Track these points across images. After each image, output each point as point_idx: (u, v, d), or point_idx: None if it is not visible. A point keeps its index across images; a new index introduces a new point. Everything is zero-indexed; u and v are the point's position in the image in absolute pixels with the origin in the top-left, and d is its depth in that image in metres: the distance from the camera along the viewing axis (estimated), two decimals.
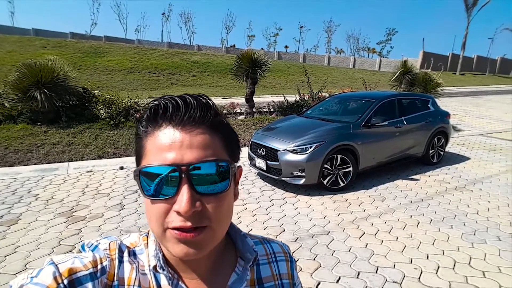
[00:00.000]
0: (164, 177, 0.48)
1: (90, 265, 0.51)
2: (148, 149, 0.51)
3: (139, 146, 0.54)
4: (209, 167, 0.50)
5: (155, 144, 0.50)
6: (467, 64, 40.67)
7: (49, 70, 6.63)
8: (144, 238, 0.60)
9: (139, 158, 0.53)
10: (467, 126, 10.23)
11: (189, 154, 0.49)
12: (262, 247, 0.68)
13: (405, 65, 10.72)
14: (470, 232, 3.61)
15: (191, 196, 0.47)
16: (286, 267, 0.69)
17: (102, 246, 0.55)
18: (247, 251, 0.62)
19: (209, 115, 0.52)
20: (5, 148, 5.61)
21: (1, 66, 15.95)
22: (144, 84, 17.26)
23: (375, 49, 66.86)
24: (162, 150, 0.49)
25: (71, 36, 33.10)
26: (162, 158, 0.49)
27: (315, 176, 4.56)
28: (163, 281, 0.54)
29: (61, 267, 0.49)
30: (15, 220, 3.61)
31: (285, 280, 0.67)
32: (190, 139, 0.49)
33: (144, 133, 0.52)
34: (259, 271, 0.64)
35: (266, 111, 9.67)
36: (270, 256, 0.68)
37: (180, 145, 0.49)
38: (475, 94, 20.00)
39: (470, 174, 5.67)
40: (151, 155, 0.50)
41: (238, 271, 0.60)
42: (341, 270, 2.86)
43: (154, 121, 0.51)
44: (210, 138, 0.51)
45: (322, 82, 11.95)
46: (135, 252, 0.57)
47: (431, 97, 6.68)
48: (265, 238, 0.72)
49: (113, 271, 0.53)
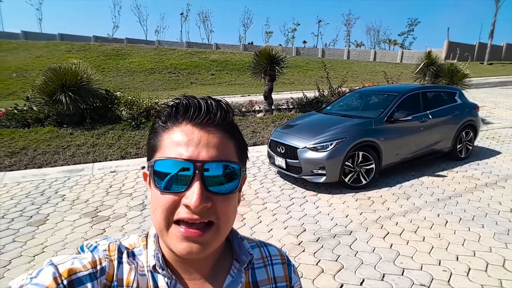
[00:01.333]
0: (178, 173, 0.50)
1: (89, 266, 0.51)
2: (165, 143, 0.52)
3: (155, 140, 0.55)
4: (221, 168, 0.51)
5: (173, 139, 0.52)
6: (496, 53, 38.69)
7: (73, 74, 6.84)
8: (143, 239, 0.60)
9: (154, 151, 0.54)
10: (497, 119, 9.72)
11: (205, 152, 0.50)
12: (258, 250, 0.69)
13: (429, 56, 10.30)
14: (503, 231, 3.41)
15: (202, 192, 0.49)
16: (283, 269, 0.69)
17: (102, 247, 0.56)
18: (242, 254, 0.63)
19: (228, 119, 0.55)
20: (34, 150, 5.84)
21: (30, 71, 16.70)
22: (164, 84, 17.55)
23: (397, 40, 64.62)
24: (179, 145, 0.51)
25: (94, 39, 34.08)
26: (179, 153, 0.50)
27: (336, 174, 4.46)
28: (161, 282, 0.55)
29: (60, 268, 0.49)
30: (43, 220, 3.74)
31: (281, 283, 0.67)
32: (208, 138, 0.51)
33: (162, 128, 0.54)
34: (254, 275, 0.64)
35: (285, 108, 9.58)
36: (266, 259, 0.68)
37: (197, 143, 0.51)
38: (504, 84, 18.99)
39: (502, 169, 5.38)
40: (167, 149, 0.52)
41: (233, 274, 0.61)
42: (365, 272, 2.77)
43: (174, 118, 0.53)
44: (226, 141, 0.54)
45: (341, 77, 11.71)
46: (134, 253, 0.58)
47: (457, 89, 6.39)
48: (262, 241, 0.72)
49: (112, 272, 0.53)
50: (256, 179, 5.09)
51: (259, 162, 5.92)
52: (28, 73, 16.29)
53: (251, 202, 4.23)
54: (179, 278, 0.57)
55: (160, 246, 0.57)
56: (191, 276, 0.58)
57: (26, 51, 20.27)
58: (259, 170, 5.51)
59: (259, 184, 4.88)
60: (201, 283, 0.58)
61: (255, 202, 4.24)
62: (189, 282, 0.57)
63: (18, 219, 3.78)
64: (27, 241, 3.30)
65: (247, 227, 3.59)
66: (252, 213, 3.94)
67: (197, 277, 0.58)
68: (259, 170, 5.49)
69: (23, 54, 19.65)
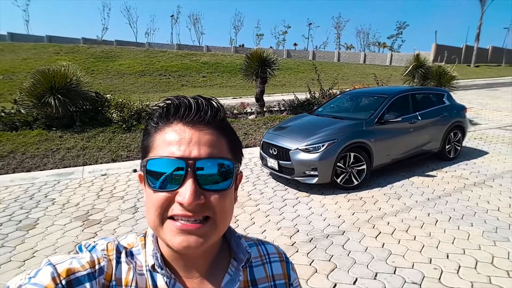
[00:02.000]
0: (171, 172, 0.50)
1: (88, 266, 0.51)
2: (157, 144, 0.53)
3: (147, 141, 0.55)
4: (213, 165, 0.51)
5: (165, 139, 0.52)
6: (482, 55, 39.58)
7: (62, 76, 6.75)
8: (141, 238, 0.60)
9: (147, 152, 0.55)
10: (484, 120, 9.94)
11: (197, 150, 0.51)
12: (256, 249, 0.69)
13: (417, 59, 10.49)
14: (491, 229, 3.49)
15: (195, 189, 0.49)
16: (281, 267, 0.69)
17: (100, 246, 0.56)
18: (240, 252, 0.63)
19: (219, 117, 0.55)
20: (22, 154, 5.73)
21: (17, 73, 16.40)
22: (155, 86, 17.44)
23: (386, 43, 65.71)
24: (170, 145, 0.51)
25: (83, 41, 33.68)
26: (171, 152, 0.51)
27: (328, 175, 4.50)
28: (160, 281, 0.55)
29: (59, 268, 0.49)
30: (33, 224, 3.68)
31: (280, 281, 0.67)
32: (199, 137, 0.52)
33: (154, 128, 0.55)
34: (252, 273, 0.64)
35: (277, 110, 9.62)
36: (264, 257, 0.68)
37: (189, 141, 0.51)
38: (491, 86, 19.43)
39: (489, 169, 5.50)
40: (159, 149, 0.52)
41: (231, 272, 0.61)
42: (358, 271, 2.80)
43: (165, 118, 0.54)
44: (218, 138, 0.54)
45: (332, 79, 11.81)
46: (133, 252, 0.58)
47: (446, 91, 6.51)
48: (260, 240, 0.73)
49: (111, 272, 0.53)
50: (249, 180, 5.09)
51: (251, 164, 5.92)
52: (15, 76, 16.00)
53: (244, 204, 4.23)
54: (178, 277, 0.57)
55: (158, 246, 0.57)
56: (189, 274, 0.58)
57: (13, 53, 19.93)
58: (251, 171, 5.52)
59: (251, 185, 4.88)
60: (200, 282, 0.58)
61: (248, 204, 4.24)
62: (188, 281, 0.58)
63: (7, 223, 3.70)
64: (16, 246, 3.23)
65: (241, 228, 3.59)
66: (245, 214, 3.94)
67: (196, 275, 0.58)
68: (251, 172, 5.49)
69: (9, 56, 19.30)
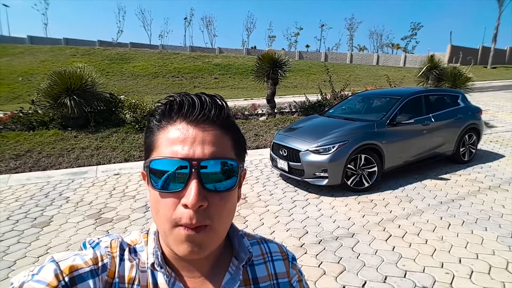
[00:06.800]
0: (174, 171, 0.49)
1: (91, 262, 0.51)
2: (160, 142, 0.52)
3: (150, 139, 0.55)
4: (218, 165, 0.51)
5: (168, 137, 0.51)
6: (499, 56, 38.60)
7: (77, 77, 6.92)
8: (144, 235, 0.60)
9: (150, 151, 0.54)
10: (500, 122, 9.68)
11: (200, 150, 0.50)
12: (258, 247, 0.68)
13: (431, 60, 10.31)
14: (506, 234, 3.40)
15: (199, 190, 0.48)
16: (285, 265, 0.69)
17: (104, 243, 0.56)
18: (242, 251, 0.62)
19: (223, 115, 0.53)
20: (39, 153, 5.89)
21: (35, 75, 16.88)
22: (168, 88, 17.67)
23: (400, 44, 64.86)
24: (174, 144, 0.50)
25: (99, 44, 34.44)
26: (174, 152, 0.50)
27: (338, 176, 4.46)
28: (160, 279, 0.55)
29: (62, 265, 0.49)
30: (47, 222, 3.78)
31: (283, 279, 0.66)
32: (203, 136, 0.51)
33: (157, 127, 0.54)
34: (254, 271, 0.64)
35: (288, 112, 9.60)
36: (266, 255, 0.68)
37: (192, 141, 0.50)
38: (508, 88, 18.92)
39: (505, 172, 5.35)
40: (162, 148, 0.51)
41: (231, 271, 0.60)
42: (367, 274, 2.77)
43: (168, 116, 0.53)
44: (221, 137, 0.53)
45: (344, 81, 11.74)
46: (136, 249, 0.58)
47: (460, 93, 6.38)
48: (263, 238, 0.72)
49: (114, 269, 0.53)
50: (259, 181, 5.10)
51: (261, 165, 5.93)
52: (34, 77, 16.47)
53: (253, 205, 4.24)
54: (178, 276, 0.57)
55: (160, 244, 0.57)
56: (191, 274, 0.58)
57: (32, 56, 20.52)
58: (261, 173, 5.52)
59: (261, 186, 4.89)
60: (201, 281, 0.58)
61: (257, 205, 4.25)
62: (189, 280, 0.57)
63: (23, 220, 3.81)
64: (31, 242, 3.33)
65: (250, 229, 3.60)
66: (254, 215, 3.95)
67: (197, 275, 0.58)
68: (261, 173, 5.50)
69: (28, 59, 19.88)
